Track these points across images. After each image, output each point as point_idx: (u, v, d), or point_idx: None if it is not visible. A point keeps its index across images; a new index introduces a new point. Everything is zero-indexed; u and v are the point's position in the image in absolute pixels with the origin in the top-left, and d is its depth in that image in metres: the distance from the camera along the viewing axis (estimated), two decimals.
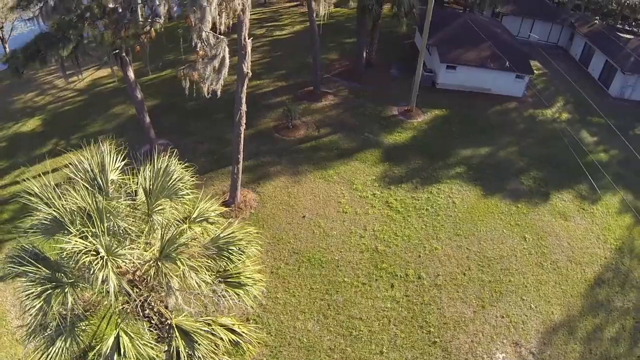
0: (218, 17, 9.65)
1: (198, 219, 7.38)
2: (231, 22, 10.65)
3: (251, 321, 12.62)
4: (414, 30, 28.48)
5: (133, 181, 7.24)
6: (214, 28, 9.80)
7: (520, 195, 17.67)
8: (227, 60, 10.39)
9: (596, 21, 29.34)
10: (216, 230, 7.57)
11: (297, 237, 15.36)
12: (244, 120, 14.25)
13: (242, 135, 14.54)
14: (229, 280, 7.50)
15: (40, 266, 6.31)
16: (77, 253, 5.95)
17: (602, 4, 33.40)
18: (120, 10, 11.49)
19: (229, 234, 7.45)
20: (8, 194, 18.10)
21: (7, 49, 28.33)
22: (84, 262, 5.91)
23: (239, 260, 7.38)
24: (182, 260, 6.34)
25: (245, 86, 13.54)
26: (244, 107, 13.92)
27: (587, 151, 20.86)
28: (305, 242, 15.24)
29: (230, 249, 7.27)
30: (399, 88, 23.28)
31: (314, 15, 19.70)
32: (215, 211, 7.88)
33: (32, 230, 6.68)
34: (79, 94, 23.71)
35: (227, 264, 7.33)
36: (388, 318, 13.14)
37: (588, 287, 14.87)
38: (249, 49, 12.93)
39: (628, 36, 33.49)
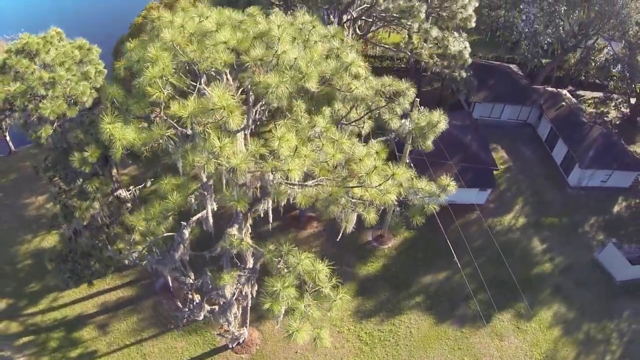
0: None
1: None
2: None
3: None
4: None
5: None
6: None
7: (466, 320, 24.68)
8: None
9: (563, 103, 34.74)
10: None
11: None
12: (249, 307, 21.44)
13: (249, 312, 21.71)
14: None
15: None
16: None
17: (573, 70, 38.72)
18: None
19: None
20: (49, 320, 25.17)
21: (8, 137, 34.58)
22: None
23: None
24: None
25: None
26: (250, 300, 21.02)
27: (534, 263, 27.50)
28: None
29: None
30: None
31: None
32: None
33: None
34: None
35: None
36: None
37: None
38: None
39: (596, 94, 39.07)
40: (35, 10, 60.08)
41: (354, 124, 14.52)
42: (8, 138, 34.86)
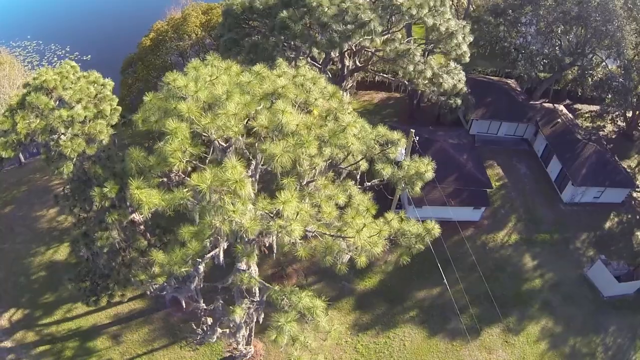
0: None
1: None
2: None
3: None
4: None
5: None
6: None
7: (457, 334, 26.72)
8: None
9: (559, 120, 36.39)
10: None
11: None
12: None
13: (254, 328, 23.80)
14: None
15: None
16: None
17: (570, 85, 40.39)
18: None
19: None
20: (64, 330, 27.32)
21: (21, 155, 36.32)
22: None
23: None
24: None
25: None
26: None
27: (524, 279, 29.45)
28: None
29: None
30: None
31: None
32: None
33: None
34: None
35: None
36: None
37: None
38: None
39: (593, 107, 40.68)
40: (37, 10, 61.73)
41: (350, 167, 16.40)
42: (22, 157, 36.77)
